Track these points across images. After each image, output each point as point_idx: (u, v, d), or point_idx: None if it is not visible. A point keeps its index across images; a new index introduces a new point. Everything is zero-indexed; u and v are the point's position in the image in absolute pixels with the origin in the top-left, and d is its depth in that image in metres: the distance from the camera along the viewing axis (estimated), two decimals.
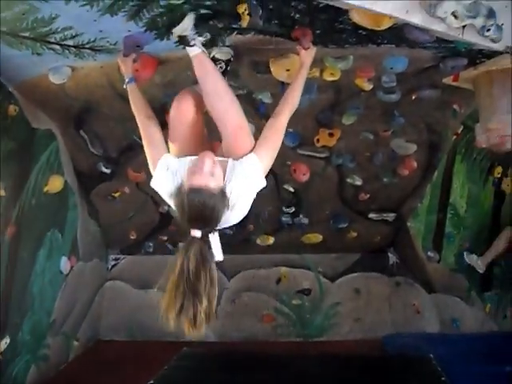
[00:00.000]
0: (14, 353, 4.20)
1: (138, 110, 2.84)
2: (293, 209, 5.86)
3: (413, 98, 4.19)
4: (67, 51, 3.24)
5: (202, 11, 2.83)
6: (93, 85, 3.87)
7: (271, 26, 3.05)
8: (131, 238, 6.07)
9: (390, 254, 6.63)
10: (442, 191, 5.76)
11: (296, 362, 4.81)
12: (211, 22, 2.97)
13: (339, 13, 2.84)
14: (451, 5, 2.61)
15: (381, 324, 6.32)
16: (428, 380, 4.41)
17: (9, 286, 4.07)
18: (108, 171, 5.05)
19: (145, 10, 2.79)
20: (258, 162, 2.46)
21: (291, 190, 5.53)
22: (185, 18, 2.57)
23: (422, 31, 2.91)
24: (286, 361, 4.86)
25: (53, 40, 3.07)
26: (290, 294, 6.52)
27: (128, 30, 2.97)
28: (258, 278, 6.46)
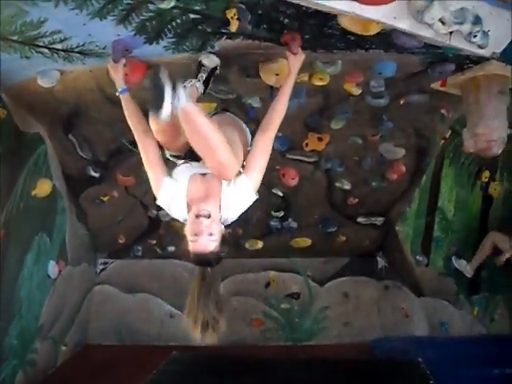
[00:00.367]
0: (1, 358, 4.17)
1: (134, 124, 2.79)
2: (282, 213, 5.86)
3: (401, 102, 4.21)
4: (56, 55, 3.23)
5: (191, 16, 2.84)
6: (82, 88, 3.86)
7: (260, 31, 3.06)
8: (120, 241, 6.04)
9: (378, 258, 6.65)
10: (430, 195, 5.80)
11: (285, 366, 4.81)
12: (200, 27, 2.98)
13: (328, 18, 2.86)
14: (438, 11, 2.64)
15: (369, 328, 6.34)
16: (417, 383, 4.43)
17: None
18: (97, 175, 5.03)
19: (134, 14, 2.79)
20: (249, 182, 2.50)
21: (280, 194, 5.54)
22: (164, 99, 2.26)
23: (409, 37, 2.94)
24: (274, 365, 4.86)
25: (41, 43, 3.06)
26: (279, 298, 6.53)
27: (117, 33, 2.97)
28: (247, 282, 6.46)
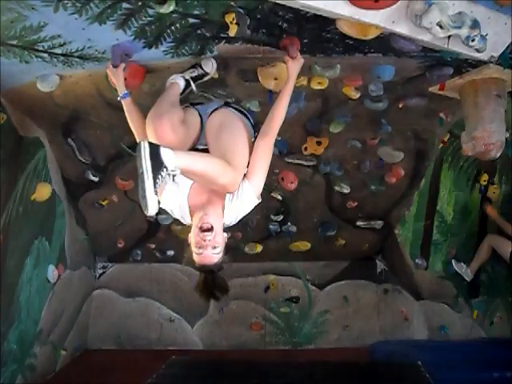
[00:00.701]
0: (1, 362, 4.16)
1: (136, 128, 2.81)
2: (281, 217, 5.86)
3: (400, 106, 4.22)
4: (55, 59, 3.23)
5: (191, 20, 2.85)
6: (81, 93, 3.86)
7: (259, 35, 3.07)
8: (119, 246, 6.04)
9: (378, 262, 6.66)
10: (429, 199, 5.80)
11: (284, 370, 4.80)
12: (199, 31, 2.99)
13: (326, 22, 2.87)
14: (437, 15, 2.65)
15: (369, 331, 6.34)
16: None
17: None
18: (96, 179, 5.04)
19: (133, 19, 2.80)
20: (252, 188, 2.53)
21: (279, 198, 5.54)
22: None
23: (408, 41, 2.95)
24: (274, 369, 4.85)
25: (41, 48, 3.07)
26: (279, 302, 6.52)
27: (116, 38, 2.98)
28: (247, 286, 6.46)
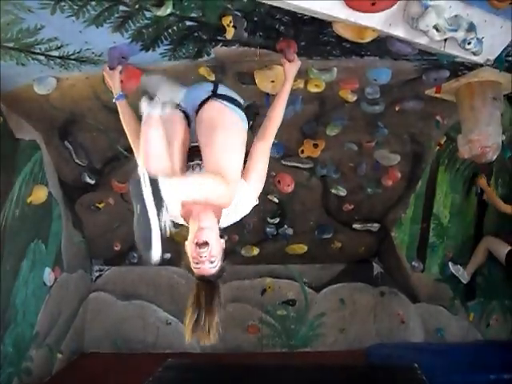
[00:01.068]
0: None
1: (129, 130, 2.76)
2: (277, 219, 5.86)
3: (396, 109, 4.23)
4: (52, 62, 3.23)
5: (188, 23, 2.86)
6: (78, 96, 3.86)
7: (256, 38, 3.08)
8: (116, 248, 6.03)
9: (374, 264, 6.66)
10: (425, 201, 5.80)
11: (281, 373, 4.79)
12: (196, 34, 2.99)
13: (323, 25, 2.88)
14: (433, 18, 2.66)
15: (366, 334, 6.33)
16: None
17: None
18: (92, 182, 5.03)
19: (130, 22, 2.80)
20: (249, 189, 2.50)
21: (276, 200, 5.54)
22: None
23: (404, 44, 2.96)
24: (271, 372, 4.84)
25: (38, 51, 3.07)
26: (275, 305, 6.51)
27: (113, 41, 2.98)
28: (243, 288, 6.44)
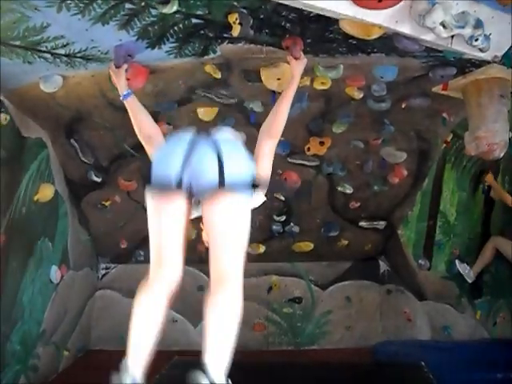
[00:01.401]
0: (4, 363, 4.16)
1: (138, 127, 2.72)
2: (284, 217, 5.86)
3: (403, 106, 4.22)
4: (58, 60, 3.24)
5: (194, 20, 2.85)
6: (84, 93, 3.87)
7: (262, 36, 3.07)
8: (122, 246, 6.04)
9: (380, 262, 6.65)
10: (432, 199, 5.79)
11: (287, 371, 4.79)
12: (202, 32, 2.99)
13: (330, 22, 2.87)
14: (440, 15, 2.65)
15: (372, 332, 6.33)
16: None
17: None
18: (99, 180, 5.04)
19: (136, 19, 2.81)
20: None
21: (282, 198, 5.54)
22: None
23: (411, 40, 2.94)
24: (277, 369, 4.84)
25: (44, 49, 3.08)
26: (281, 303, 6.52)
27: (119, 39, 2.98)
28: (249, 286, 6.37)
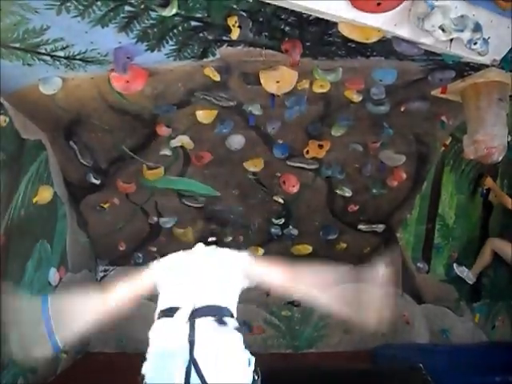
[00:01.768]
0: (2, 365, 4.15)
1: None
2: (282, 220, 5.85)
3: (402, 109, 4.23)
4: (58, 62, 3.24)
5: (193, 23, 2.86)
6: (83, 96, 3.87)
7: (261, 39, 3.08)
8: (120, 248, 6.03)
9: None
10: (430, 202, 5.79)
11: (286, 374, 4.79)
12: (201, 34, 2.99)
13: (329, 26, 2.88)
14: (439, 19, 2.66)
15: (370, 335, 6.31)
16: None
17: None
18: (97, 182, 5.03)
19: (135, 22, 2.81)
20: None
21: (281, 201, 5.54)
22: None
23: (410, 44, 2.95)
24: (275, 373, 4.83)
25: (43, 51, 3.08)
26: (280, 306, 6.51)
27: (119, 41, 2.99)
28: (248, 289, 6.42)
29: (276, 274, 2.61)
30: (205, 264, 2.63)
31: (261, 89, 3.67)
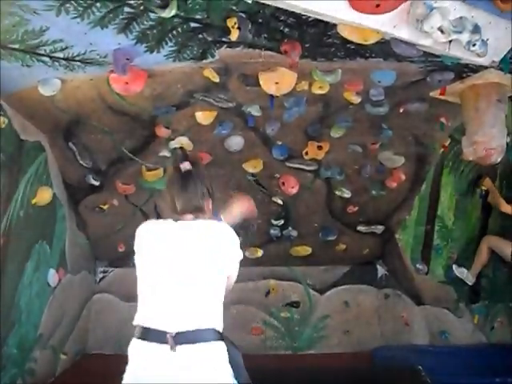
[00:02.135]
0: (0, 367, 4.15)
1: None
2: (281, 221, 5.85)
3: (401, 111, 4.23)
4: (57, 63, 3.24)
5: (192, 24, 2.86)
6: (82, 97, 3.87)
7: (260, 40, 3.08)
8: (120, 250, 6.02)
9: (378, 267, 6.64)
10: (429, 203, 5.79)
11: (285, 375, 4.79)
12: (201, 36, 3.00)
13: (328, 27, 2.88)
14: (438, 20, 2.66)
15: (370, 336, 6.32)
16: None
17: None
18: (97, 183, 5.02)
19: (135, 23, 2.81)
20: None
21: (280, 202, 5.54)
22: None
23: (409, 45, 2.96)
24: (274, 374, 4.84)
25: (43, 52, 3.08)
26: (279, 307, 6.51)
27: (118, 42, 2.99)
28: (247, 290, 6.43)
29: None
30: (188, 243, 2.37)
31: (260, 90, 3.67)
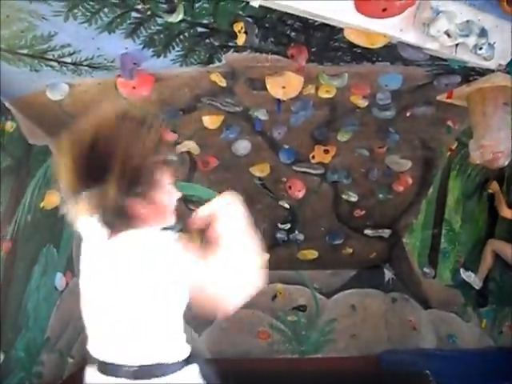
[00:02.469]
0: (8, 370, 4.15)
1: None
2: (288, 225, 5.85)
3: (407, 114, 4.22)
4: (65, 68, 3.26)
5: (199, 29, 2.87)
6: (90, 101, 3.88)
7: (267, 44, 3.09)
8: None
9: (385, 270, 6.62)
10: (437, 207, 5.78)
11: (292, 379, 4.79)
12: (208, 40, 3.01)
13: (334, 31, 2.89)
14: (444, 24, 2.66)
15: (377, 340, 6.29)
16: None
17: (3, 302, 4.03)
18: None
19: (142, 28, 2.83)
20: None
21: (286, 206, 5.54)
22: None
23: (415, 49, 2.95)
24: (281, 378, 4.84)
25: (51, 57, 3.10)
26: (286, 311, 6.49)
27: (125, 47, 3.01)
28: (253, 294, 6.42)
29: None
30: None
31: (267, 94, 3.68)
